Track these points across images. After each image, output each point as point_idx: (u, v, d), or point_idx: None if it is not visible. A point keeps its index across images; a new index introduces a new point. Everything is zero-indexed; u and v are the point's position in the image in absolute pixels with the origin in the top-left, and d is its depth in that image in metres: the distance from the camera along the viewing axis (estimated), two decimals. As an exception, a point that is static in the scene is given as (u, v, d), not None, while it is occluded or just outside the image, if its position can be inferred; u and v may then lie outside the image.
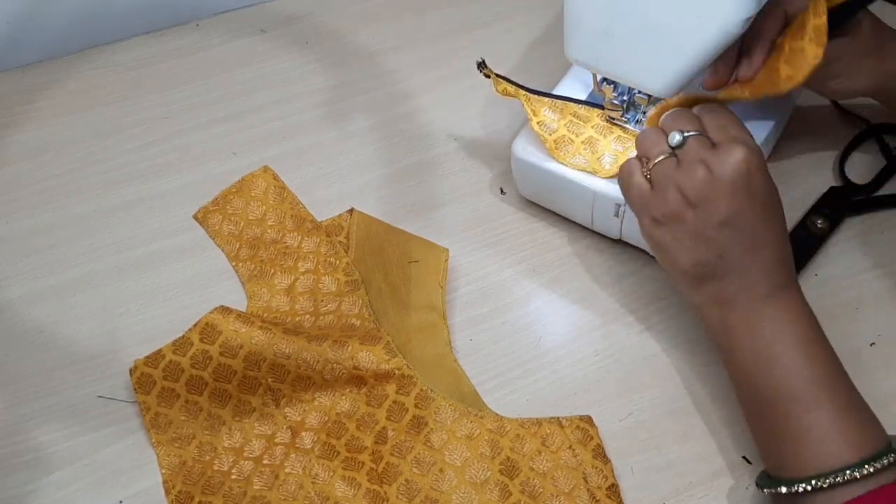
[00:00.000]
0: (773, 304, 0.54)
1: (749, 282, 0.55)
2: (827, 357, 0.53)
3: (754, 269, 0.54)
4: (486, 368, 0.63)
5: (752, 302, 0.55)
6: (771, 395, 0.53)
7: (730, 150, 0.54)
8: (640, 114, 0.65)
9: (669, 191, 0.56)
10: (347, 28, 0.86)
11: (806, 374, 0.52)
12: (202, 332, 0.60)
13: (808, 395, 0.52)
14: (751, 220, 0.54)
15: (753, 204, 0.54)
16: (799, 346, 0.53)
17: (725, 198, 0.54)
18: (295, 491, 0.57)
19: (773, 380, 0.53)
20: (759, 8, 0.53)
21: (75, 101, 0.80)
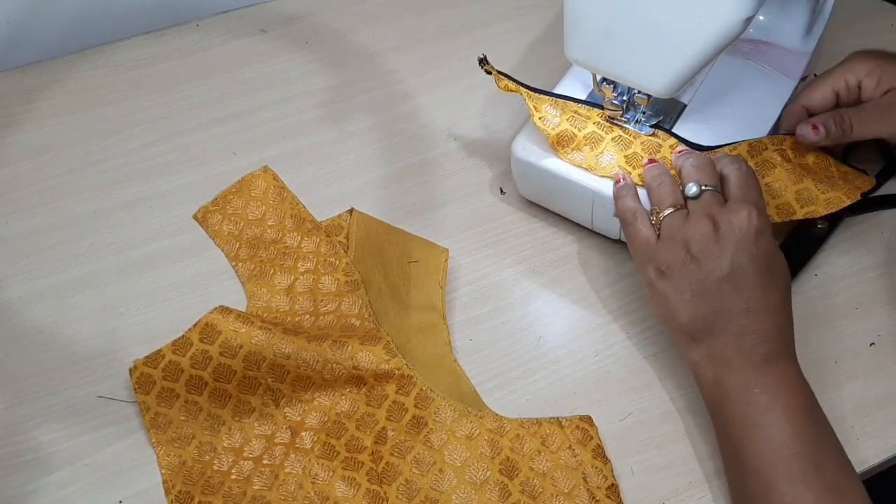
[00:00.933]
0: (769, 372, 0.54)
1: (745, 345, 0.54)
2: (819, 433, 0.53)
3: (751, 332, 0.54)
4: (486, 368, 0.63)
5: (746, 367, 0.54)
6: (755, 465, 0.52)
7: (738, 209, 0.56)
8: (640, 114, 0.65)
9: (675, 243, 0.57)
10: (347, 28, 0.86)
11: (795, 448, 0.51)
12: (202, 332, 0.60)
13: (794, 469, 0.51)
14: (750, 281, 0.55)
15: (754, 266, 0.55)
16: (791, 418, 0.52)
17: (727, 255, 0.55)
18: (295, 491, 0.57)
19: (760, 449, 0.52)
20: (759, 8, 0.53)
21: (75, 101, 0.80)
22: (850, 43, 0.81)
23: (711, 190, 0.58)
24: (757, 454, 0.52)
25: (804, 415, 0.53)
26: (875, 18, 0.84)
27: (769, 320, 0.55)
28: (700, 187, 0.58)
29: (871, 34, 0.82)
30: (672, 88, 0.59)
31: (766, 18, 0.72)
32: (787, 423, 0.52)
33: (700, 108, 0.67)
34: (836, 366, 0.62)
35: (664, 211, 0.58)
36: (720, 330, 0.55)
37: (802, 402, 0.53)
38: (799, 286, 0.66)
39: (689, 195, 0.58)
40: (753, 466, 0.52)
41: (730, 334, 0.55)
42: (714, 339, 0.55)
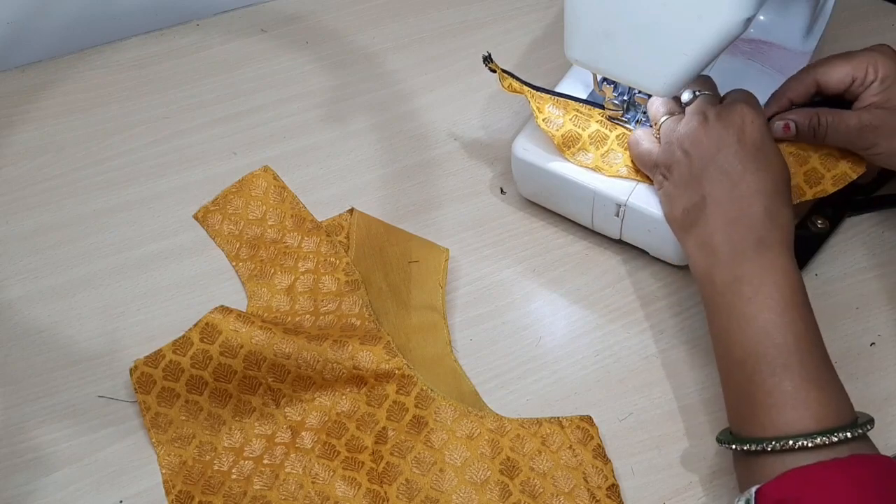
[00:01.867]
0: (757, 261, 0.54)
1: (734, 234, 0.54)
2: (804, 324, 0.52)
3: (741, 220, 0.54)
4: (486, 368, 0.63)
5: (735, 255, 0.54)
6: (740, 355, 0.53)
7: (729, 105, 0.57)
8: (640, 114, 0.65)
9: (671, 143, 0.59)
10: (347, 28, 0.86)
11: (778, 339, 0.52)
12: (202, 331, 0.60)
13: (776, 359, 0.51)
14: (738, 166, 0.55)
15: (743, 151, 0.55)
16: (776, 309, 0.52)
17: (713, 140, 0.56)
18: (295, 491, 0.57)
19: (745, 339, 0.53)
20: (759, 8, 0.53)
21: (75, 101, 0.80)
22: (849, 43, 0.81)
23: (706, 94, 0.59)
24: (740, 345, 0.53)
25: (788, 307, 0.52)
26: (875, 18, 0.84)
27: (759, 204, 0.54)
28: (693, 92, 0.60)
29: (871, 34, 0.82)
30: (672, 88, 0.59)
31: (766, 18, 0.72)
32: (773, 314, 0.52)
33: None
34: (836, 366, 0.61)
35: (660, 119, 0.61)
36: (709, 216, 0.56)
37: (788, 293, 0.53)
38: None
39: (684, 101, 0.60)
40: (737, 357, 0.53)
41: (718, 221, 0.55)
42: (704, 226, 0.56)
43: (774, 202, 0.55)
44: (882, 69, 0.62)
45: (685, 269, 0.67)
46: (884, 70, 0.62)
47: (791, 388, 0.50)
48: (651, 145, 0.61)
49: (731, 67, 0.70)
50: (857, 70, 0.63)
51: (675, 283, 0.67)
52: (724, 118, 0.57)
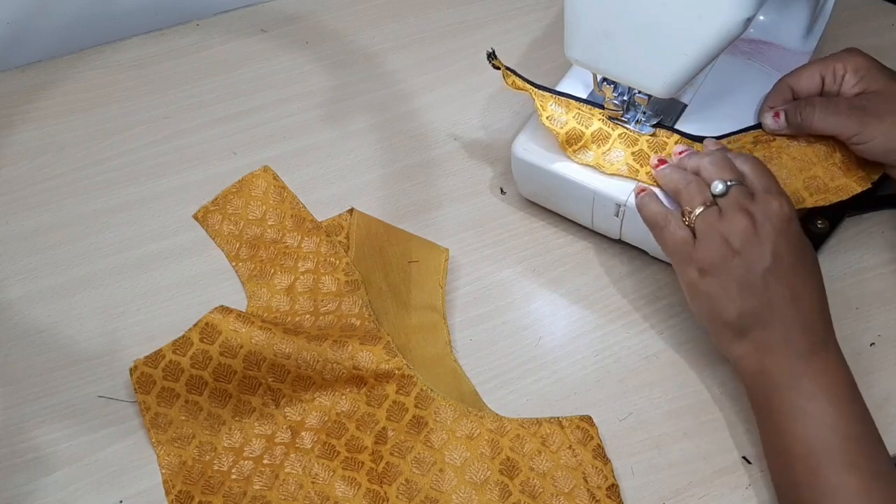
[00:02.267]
0: (814, 360, 0.54)
1: (791, 334, 0.55)
2: (863, 419, 0.53)
3: (796, 320, 0.55)
4: (486, 368, 0.63)
5: (793, 355, 0.55)
6: (801, 451, 0.53)
7: (770, 200, 0.57)
8: (640, 114, 0.65)
9: (715, 240, 0.57)
10: (347, 28, 0.86)
11: (840, 434, 0.52)
12: (202, 331, 0.60)
13: (839, 455, 0.51)
14: (790, 270, 0.56)
15: (791, 254, 0.56)
16: (836, 405, 0.53)
17: (769, 245, 0.55)
18: (295, 491, 0.57)
19: (806, 436, 0.53)
20: (759, 8, 0.53)
21: (75, 101, 0.80)
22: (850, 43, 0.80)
23: (737, 184, 0.58)
24: (802, 441, 0.53)
25: (848, 402, 0.53)
26: (875, 18, 0.84)
27: (810, 307, 0.55)
28: (726, 184, 0.58)
29: (870, 34, 0.82)
30: (672, 88, 0.59)
31: (766, 18, 0.72)
32: (833, 409, 0.53)
33: (700, 108, 0.67)
34: (836, 366, 0.62)
35: (696, 210, 0.58)
36: (767, 321, 0.55)
37: (846, 390, 0.54)
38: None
39: (717, 193, 0.58)
40: (799, 453, 0.53)
41: (776, 324, 0.55)
42: (761, 330, 0.56)
43: (822, 302, 0.57)
44: (851, 63, 0.63)
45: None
46: (853, 63, 0.63)
47: (857, 485, 0.50)
48: (685, 234, 0.58)
49: (731, 67, 0.70)
50: (824, 69, 0.64)
51: (675, 283, 0.66)
52: (772, 217, 0.56)
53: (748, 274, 0.55)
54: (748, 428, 0.59)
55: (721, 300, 0.56)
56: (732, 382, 0.61)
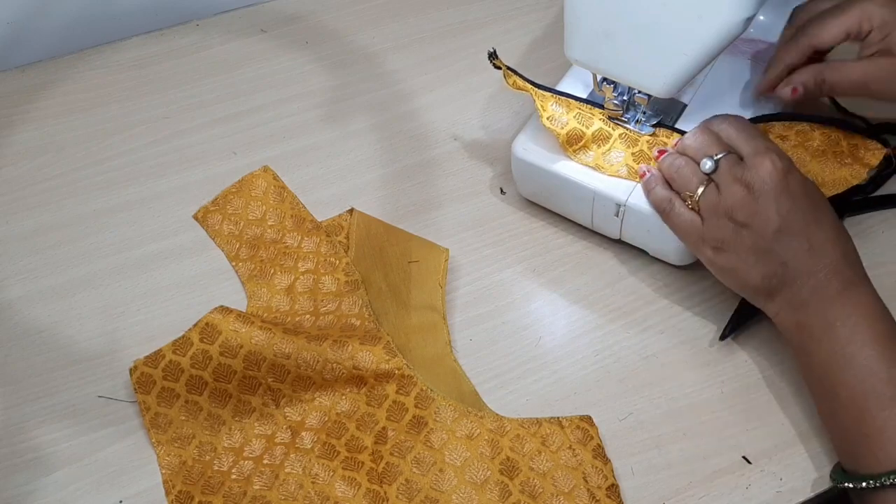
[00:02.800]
0: (846, 302, 0.55)
1: (818, 282, 0.55)
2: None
3: (820, 268, 0.55)
4: (486, 368, 0.63)
5: (824, 302, 0.55)
6: (846, 395, 0.53)
7: (760, 163, 0.56)
8: (640, 114, 0.65)
9: (720, 218, 0.58)
10: (347, 28, 0.86)
11: (882, 373, 0.52)
12: (202, 331, 0.60)
13: (884, 393, 0.52)
14: (801, 222, 0.56)
15: (798, 206, 0.56)
16: (874, 344, 0.53)
17: (771, 207, 0.56)
18: (295, 491, 0.57)
19: (849, 379, 0.53)
20: (759, 8, 0.53)
21: (75, 101, 0.80)
22: (850, 43, 0.81)
23: (724, 156, 0.58)
24: (846, 386, 0.53)
25: (885, 339, 0.53)
26: (875, 18, 0.84)
27: (834, 250, 0.55)
28: (713, 159, 0.58)
29: (871, 34, 0.82)
30: (672, 88, 0.59)
31: (766, 18, 0.72)
32: (872, 350, 0.53)
33: (700, 108, 0.67)
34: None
35: (696, 192, 0.59)
36: (792, 278, 0.56)
37: (881, 327, 0.54)
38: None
39: (707, 171, 0.58)
40: (844, 398, 0.53)
41: (802, 278, 0.56)
42: (788, 287, 0.56)
43: (842, 243, 0.56)
44: (877, 17, 0.61)
45: (685, 269, 0.67)
46: (879, 18, 0.61)
47: None
48: (692, 215, 0.60)
49: (731, 67, 0.70)
50: (850, 25, 0.62)
51: (675, 283, 0.66)
52: (766, 178, 0.56)
53: (760, 241, 0.56)
54: (748, 428, 0.59)
55: (742, 271, 0.58)
56: (732, 382, 0.61)
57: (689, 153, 0.60)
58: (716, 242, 0.58)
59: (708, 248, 0.59)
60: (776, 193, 0.56)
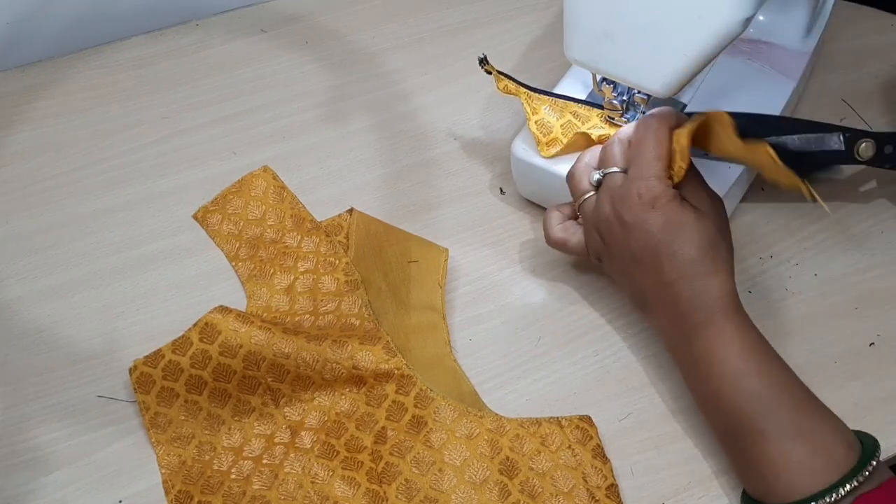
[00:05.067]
0: (701, 341, 0.54)
1: (674, 317, 0.55)
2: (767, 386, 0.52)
3: (674, 304, 0.54)
4: (486, 368, 0.63)
5: (681, 338, 0.55)
6: (728, 427, 0.53)
7: (629, 189, 0.55)
8: (640, 114, 0.65)
9: (590, 231, 0.59)
10: (347, 28, 0.86)
11: (745, 408, 0.51)
12: (202, 331, 0.60)
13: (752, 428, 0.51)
14: (651, 256, 0.54)
15: (653, 240, 0.54)
16: (735, 383, 0.52)
17: (627, 236, 0.55)
18: (294, 491, 0.57)
19: (723, 414, 0.53)
20: (759, 8, 0.53)
21: (75, 101, 0.80)
22: (850, 43, 0.81)
23: (611, 173, 0.57)
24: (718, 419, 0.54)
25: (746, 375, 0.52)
26: (875, 18, 0.84)
27: (685, 290, 0.54)
28: (601, 173, 0.58)
29: (870, 34, 0.82)
30: (672, 88, 0.59)
31: (766, 18, 0.72)
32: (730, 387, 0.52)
33: (700, 108, 0.67)
34: (836, 366, 0.62)
35: (577, 203, 0.60)
36: (650, 307, 0.57)
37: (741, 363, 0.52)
38: (799, 286, 0.66)
39: (594, 183, 0.59)
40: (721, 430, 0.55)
41: (658, 309, 0.56)
42: (650, 313, 0.57)
43: (699, 280, 0.54)
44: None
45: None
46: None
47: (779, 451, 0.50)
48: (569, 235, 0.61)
49: (731, 67, 0.70)
50: None
51: (675, 283, 0.66)
52: (625, 205, 0.55)
53: (619, 263, 0.57)
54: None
55: (618, 283, 0.60)
56: (732, 382, 0.61)
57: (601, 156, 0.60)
58: (593, 253, 0.60)
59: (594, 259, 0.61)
60: (633, 224, 0.54)
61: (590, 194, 0.59)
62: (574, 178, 0.60)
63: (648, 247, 0.54)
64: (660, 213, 0.54)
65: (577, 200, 0.60)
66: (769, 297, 0.65)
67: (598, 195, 0.58)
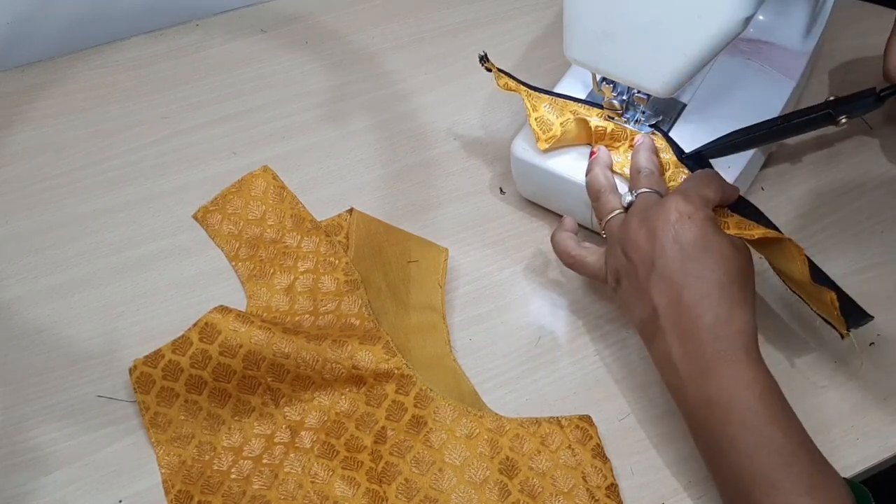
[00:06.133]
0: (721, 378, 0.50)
1: (691, 348, 0.51)
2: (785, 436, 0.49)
3: (694, 333, 0.51)
4: (486, 368, 0.63)
5: (698, 373, 0.51)
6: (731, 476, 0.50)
7: (665, 202, 0.54)
8: (640, 113, 0.65)
9: (614, 248, 0.57)
10: (347, 28, 0.86)
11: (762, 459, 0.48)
12: (201, 331, 0.60)
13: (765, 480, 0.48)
14: (679, 271, 0.52)
15: (683, 254, 0.52)
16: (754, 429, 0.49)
17: (654, 247, 0.53)
18: (294, 490, 0.57)
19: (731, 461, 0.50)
20: (759, 7, 0.53)
21: (75, 101, 0.80)
22: (850, 43, 0.81)
23: (645, 192, 0.57)
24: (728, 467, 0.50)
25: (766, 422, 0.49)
26: (875, 18, 0.84)
27: (707, 314, 0.51)
28: (634, 194, 0.58)
29: (871, 34, 0.82)
30: (672, 88, 0.59)
31: (765, 18, 0.72)
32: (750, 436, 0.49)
33: (700, 108, 0.67)
34: (836, 366, 0.62)
35: (604, 219, 0.59)
36: (663, 330, 0.52)
37: (761, 408, 0.49)
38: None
39: (626, 203, 0.58)
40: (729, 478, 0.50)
41: (672, 335, 0.52)
42: (660, 340, 0.53)
43: (724, 306, 0.51)
44: None
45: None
46: None
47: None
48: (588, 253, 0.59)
49: (731, 67, 0.70)
50: None
51: (675, 282, 0.66)
52: (659, 216, 0.53)
53: (639, 280, 0.54)
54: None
55: (628, 309, 0.56)
56: (732, 382, 0.61)
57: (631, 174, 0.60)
58: (612, 272, 0.57)
59: (611, 278, 0.58)
60: (663, 232, 0.52)
61: (617, 212, 0.58)
62: (601, 197, 0.60)
63: (676, 259, 0.52)
64: (694, 226, 0.52)
65: (605, 217, 0.58)
66: (769, 297, 0.65)
67: (628, 212, 0.57)
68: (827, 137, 0.74)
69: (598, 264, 0.59)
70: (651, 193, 0.57)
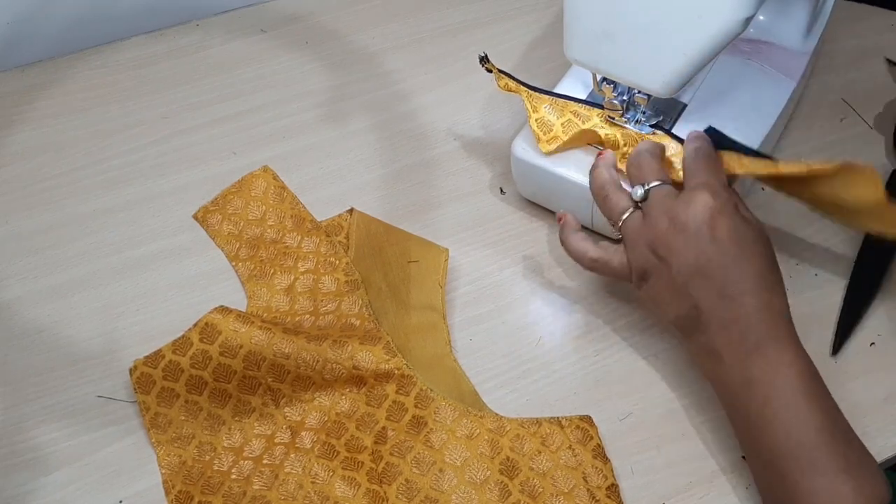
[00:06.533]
0: (763, 361, 0.51)
1: (732, 336, 0.52)
2: (823, 414, 0.50)
3: (737, 322, 0.52)
4: (486, 368, 0.63)
5: (739, 357, 0.52)
6: (768, 456, 0.51)
7: (691, 198, 0.54)
8: (640, 113, 0.65)
9: (640, 248, 0.56)
10: (347, 28, 0.86)
11: (803, 437, 0.49)
12: (202, 331, 0.60)
13: (808, 458, 0.49)
14: (718, 266, 0.53)
15: (721, 250, 0.53)
16: (794, 407, 0.50)
17: (690, 245, 0.53)
18: (294, 491, 0.57)
19: (769, 441, 0.51)
20: (759, 7, 0.53)
21: (75, 101, 0.80)
22: (850, 43, 0.81)
23: (657, 186, 0.56)
24: (766, 447, 0.51)
25: (806, 401, 0.50)
26: (875, 18, 0.84)
27: (750, 303, 0.52)
28: (644, 188, 0.57)
29: (871, 34, 0.82)
30: (672, 88, 0.59)
31: (766, 18, 0.72)
32: (789, 413, 0.50)
33: (700, 108, 0.67)
34: (836, 366, 0.62)
35: (619, 220, 0.58)
36: (704, 324, 0.53)
37: (802, 388, 0.50)
38: (799, 286, 0.66)
39: (637, 199, 0.57)
40: (766, 458, 0.51)
41: (714, 327, 0.53)
42: (702, 333, 0.54)
43: (764, 295, 0.53)
44: None
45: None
46: None
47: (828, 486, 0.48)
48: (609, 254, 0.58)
49: (731, 67, 0.70)
50: None
51: (675, 283, 0.66)
52: (689, 215, 0.53)
53: (675, 279, 0.54)
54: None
55: (660, 305, 0.56)
56: (732, 382, 0.61)
57: (629, 175, 0.59)
58: (638, 272, 0.57)
59: (635, 277, 0.57)
60: (698, 232, 0.53)
61: (630, 210, 0.57)
62: (609, 199, 0.58)
63: (717, 252, 0.52)
64: (728, 219, 0.53)
65: (618, 219, 0.58)
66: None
67: (645, 210, 0.56)
68: (828, 137, 0.74)
69: (622, 264, 0.58)
70: (662, 185, 0.56)
